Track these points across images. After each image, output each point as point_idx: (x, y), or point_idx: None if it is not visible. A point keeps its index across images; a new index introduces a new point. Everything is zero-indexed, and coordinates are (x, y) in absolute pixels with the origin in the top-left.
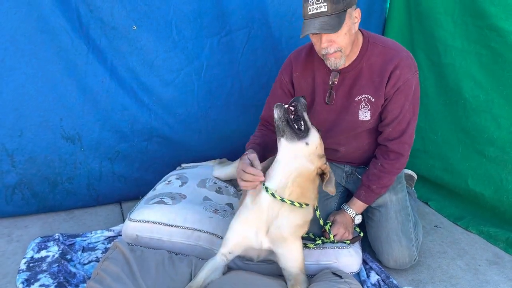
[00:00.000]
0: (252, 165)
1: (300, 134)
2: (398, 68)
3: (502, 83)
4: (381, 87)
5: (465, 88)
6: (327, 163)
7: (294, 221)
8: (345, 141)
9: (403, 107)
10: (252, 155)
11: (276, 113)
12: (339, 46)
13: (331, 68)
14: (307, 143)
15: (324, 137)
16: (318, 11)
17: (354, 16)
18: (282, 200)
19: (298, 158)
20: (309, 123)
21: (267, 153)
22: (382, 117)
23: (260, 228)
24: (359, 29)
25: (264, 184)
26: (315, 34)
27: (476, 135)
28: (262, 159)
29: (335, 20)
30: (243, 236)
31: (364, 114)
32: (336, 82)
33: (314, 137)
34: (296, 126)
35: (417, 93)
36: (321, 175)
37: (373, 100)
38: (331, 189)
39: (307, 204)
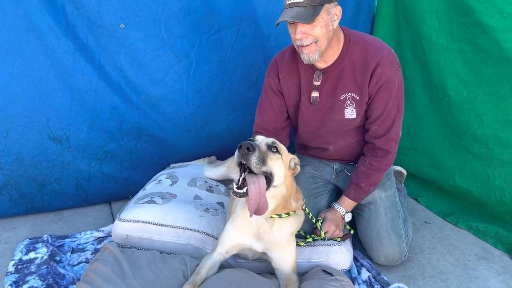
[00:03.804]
0: None
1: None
2: (380, 65)
3: (485, 79)
4: (364, 85)
5: (449, 86)
6: (297, 165)
7: (289, 229)
8: (333, 140)
9: (387, 105)
10: None
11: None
12: (314, 38)
13: (305, 62)
14: (274, 186)
15: (312, 136)
16: (295, 1)
17: (333, 13)
18: (271, 217)
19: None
20: (270, 167)
21: None
22: (367, 115)
23: (254, 236)
24: (340, 27)
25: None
26: (291, 25)
27: (461, 132)
28: None
29: (309, 12)
30: (238, 242)
31: (350, 113)
32: (319, 83)
33: (279, 178)
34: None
35: (401, 90)
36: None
37: (357, 98)
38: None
39: (294, 211)
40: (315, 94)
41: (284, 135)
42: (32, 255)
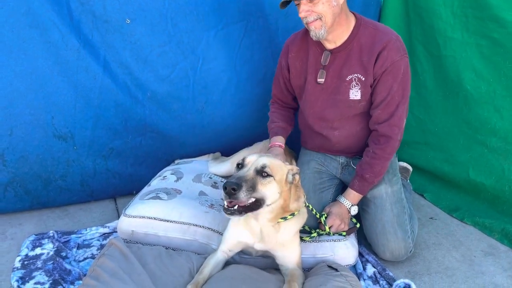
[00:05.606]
0: None
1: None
2: (386, 49)
3: (503, 73)
4: (370, 66)
5: (466, 80)
6: (296, 174)
7: (293, 229)
8: (339, 125)
9: (391, 89)
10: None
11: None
12: (318, 14)
13: (314, 39)
14: (268, 205)
15: (316, 117)
16: None
17: None
18: (278, 222)
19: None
20: (261, 192)
21: (290, 129)
22: (372, 100)
23: (256, 237)
24: (352, 12)
25: None
26: (298, 5)
27: (478, 126)
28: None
29: None
30: (240, 241)
31: (355, 93)
32: (327, 63)
33: (272, 198)
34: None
35: (407, 76)
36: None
37: (363, 79)
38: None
39: (298, 211)
40: (321, 73)
41: (292, 113)
42: (38, 251)
